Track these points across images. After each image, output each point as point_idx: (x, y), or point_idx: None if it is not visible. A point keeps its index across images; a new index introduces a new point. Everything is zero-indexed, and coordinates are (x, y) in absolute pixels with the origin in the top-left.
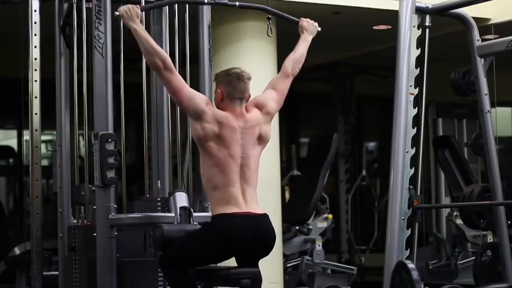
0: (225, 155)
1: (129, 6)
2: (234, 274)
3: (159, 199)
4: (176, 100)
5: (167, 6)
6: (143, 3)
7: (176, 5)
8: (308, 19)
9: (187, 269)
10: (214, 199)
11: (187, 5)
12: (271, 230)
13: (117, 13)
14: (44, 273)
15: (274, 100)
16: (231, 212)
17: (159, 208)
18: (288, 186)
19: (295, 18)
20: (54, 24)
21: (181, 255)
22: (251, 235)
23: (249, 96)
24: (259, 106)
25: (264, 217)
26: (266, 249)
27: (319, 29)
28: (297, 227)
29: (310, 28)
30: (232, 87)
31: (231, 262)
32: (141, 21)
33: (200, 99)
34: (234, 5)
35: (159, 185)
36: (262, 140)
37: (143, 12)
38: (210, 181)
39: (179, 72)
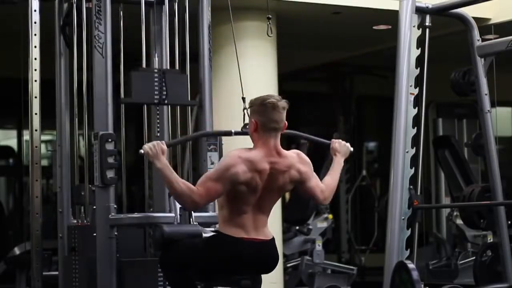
0: (248, 193)
1: (154, 142)
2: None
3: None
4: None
5: (167, 5)
6: (143, 3)
7: (176, 5)
8: (340, 140)
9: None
10: (223, 217)
11: (187, 5)
12: (275, 257)
13: (142, 151)
14: (44, 273)
15: (308, 178)
16: (238, 237)
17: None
18: None
19: (326, 141)
20: (54, 24)
21: (182, 263)
22: (253, 262)
23: (285, 126)
24: (302, 161)
25: (270, 243)
26: (266, 272)
27: (352, 149)
28: (297, 227)
29: (343, 150)
30: (266, 117)
31: None
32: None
33: (230, 176)
34: None
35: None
36: (282, 189)
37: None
38: (225, 203)
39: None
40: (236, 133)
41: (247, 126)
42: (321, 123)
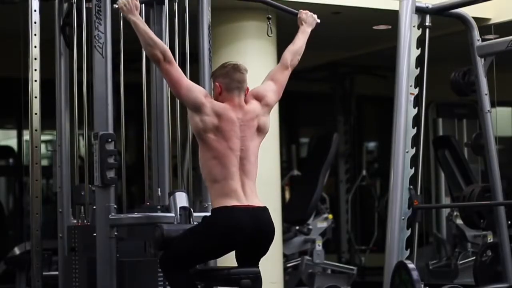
0: (224, 147)
1: None
2: (234, 274)
3: (159, 207)
4: (174, 92)
5: (167, 5)
6: (143, 3)
7: (176, 5)
8: (307, 11)
9: (187, 267)
10: (213, 192)
11: (187, 5)
12: (271, 224)
13: (116, 5)
14: (44, 273)
15: (273, 92)
16: (231, 205)
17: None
18: (288, 186)
19: (294, 10)
20: (54, 24)
21: (182, 251)
22: (251, 228)
23: (248, 89)
24: (258, 97)
25: (264, 210)
26: (265, 242)
27: (318, 21)
28: (297, 227)
29: (309, 20)
30: (229, 78)
31: (232, 262)
32: (140, 14)
33: (199, 91)
34: None
35: (159, 187)
36: (261, 131)
37: (143, 4)
38: (209, 173)
39: None
40: None
41: None
42: (321, 123)
